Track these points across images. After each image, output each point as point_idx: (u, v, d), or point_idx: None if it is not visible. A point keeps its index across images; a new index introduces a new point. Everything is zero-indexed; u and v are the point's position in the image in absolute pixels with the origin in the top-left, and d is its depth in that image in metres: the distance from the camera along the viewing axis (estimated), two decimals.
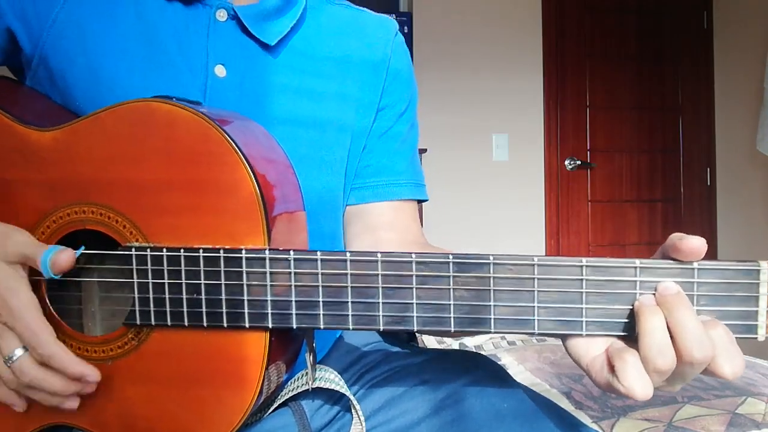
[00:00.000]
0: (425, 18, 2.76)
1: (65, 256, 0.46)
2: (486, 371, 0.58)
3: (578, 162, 2.92)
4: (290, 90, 0.62)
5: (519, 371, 1.12)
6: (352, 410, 0.55)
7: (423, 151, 2.65)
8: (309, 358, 0.52)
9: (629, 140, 2.99)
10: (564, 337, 0.45)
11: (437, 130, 2.70)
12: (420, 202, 0.73)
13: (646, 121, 3.02)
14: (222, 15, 0.60)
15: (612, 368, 0.40)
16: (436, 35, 2.77)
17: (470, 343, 1.32)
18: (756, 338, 0.41)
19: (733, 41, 2.97)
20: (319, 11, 0.67)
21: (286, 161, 0.53)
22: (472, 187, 2.80)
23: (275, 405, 0.55)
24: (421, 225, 0.75)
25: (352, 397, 0.55)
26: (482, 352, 1.03)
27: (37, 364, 0.46)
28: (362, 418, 0.55)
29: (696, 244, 0.40)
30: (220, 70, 0.59)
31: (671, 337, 0.39)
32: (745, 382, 1.00)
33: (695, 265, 0.41)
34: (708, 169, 3.08)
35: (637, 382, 0.39)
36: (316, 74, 0.64)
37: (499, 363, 0.71)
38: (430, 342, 1.24)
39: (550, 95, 2.90)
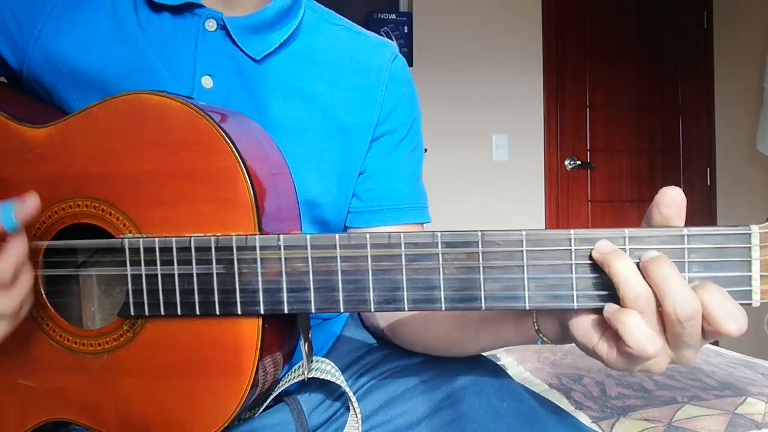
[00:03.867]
0: (425, 18, 2.76)
1: (30, 201, 0.44)
2: (485, 371, 0.58)
3: (578, 162, 2.92)
4: (275, 107, 0.61)
5: (518, 371, 1.12)
6: (349, 404, 0.55)
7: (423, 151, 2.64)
8: (304, 348, 0.52)
9: (629, 140, 2.99)
10: (570, 330, 0.44)
11: (437, 130, 2.70)
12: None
13: (646, 121, 3.02)
14: (211, 25, 0.59)
15: (616, 336, 0.39)
16: (436, 35, 2.77)
17: None
18: (750, 304, 0.40)
19: (733, 41, 2.97)
20: (315, 29, 0.66)
21: (278, 154, 0.53)
22: (472, 187, 2.80)
23: (271, 398, 0.55)
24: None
25: (347, 389, 0.54)
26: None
27: None
28: (358, 411, 0.55)
29: (674, 192, 0.40)
30: (206, 81, 0.58)
31: (656, 298, 0.39)
32: (745, 382, 1.00)
33: (685, 231, 0.40)
34: (708, 169, 3.08)
35: (643, 339, 0.38)
36: (303, 94, 0.62)
37: (498, 363, 0.70)
38: None
39: (550, 95, 2.90)
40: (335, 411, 0.59)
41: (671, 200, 0.40)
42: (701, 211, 3.07)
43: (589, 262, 0.41)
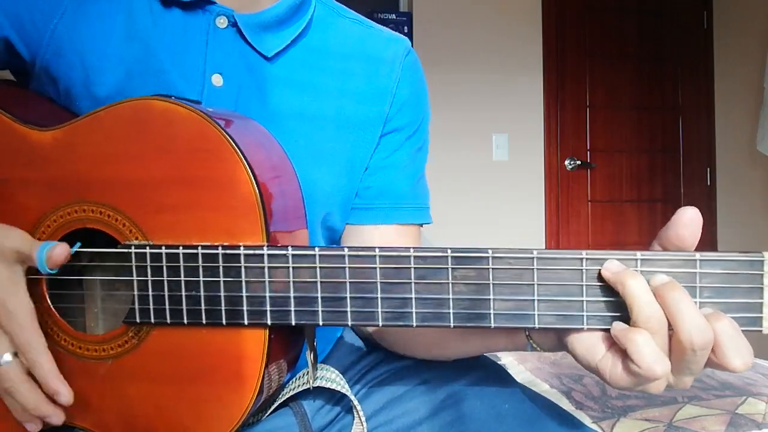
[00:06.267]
0: (425, 18, 2.76)
1: (59, 250, 0.46)
2: (486, 371, 0.58)
3: (578, 162, 2.92)
4: (286, 104, 0.60)
5: (519, 371, 1.12)
6: (354, 411, 0.55)
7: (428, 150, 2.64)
8: (310, 357, 0.52)
9: (629, 140, 2.99)
10: (562, 342, 0.44)
11: (437, 130, 2.68)
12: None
13: (646, 121, 3.02)
14: (222, 22, 0.58)
15: (624, 355, 0.39)
16: (436, 35, 2.77)
17: None
18: (761, 331, 0.40)
19: (733, 41, 2.97)
20: (327, 24, 0.65)
21: (285, 160, 0.53)
22: (472, 187, 2.80)
23: (276, 404, 0.55)
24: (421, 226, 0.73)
25: (353, 398, 0.54)
26: None
27: (22, 372, 0.47)
28: (363, 419, 0.55)
29: (692, 212, 0.40)
30: (216, 79, 0.58)
31: (669, 325, 0.39)
32: (745, 382, 1.00)
33: (697, 256, 0.40)
34: (708, 169, 3.08)
35: (654, 361, 0.38)
36: (314, 91, 0.62)
37: (499, 363, 0.71)
38: None
39: (550, 95, 2.90)
40: (338, 413, 0.59)
41: (689, 221, 0.40)
42: (701, 212, 3.06)
43: (600, 283, 0.41)
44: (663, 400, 0.93)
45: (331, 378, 0.54)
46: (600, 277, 0.41)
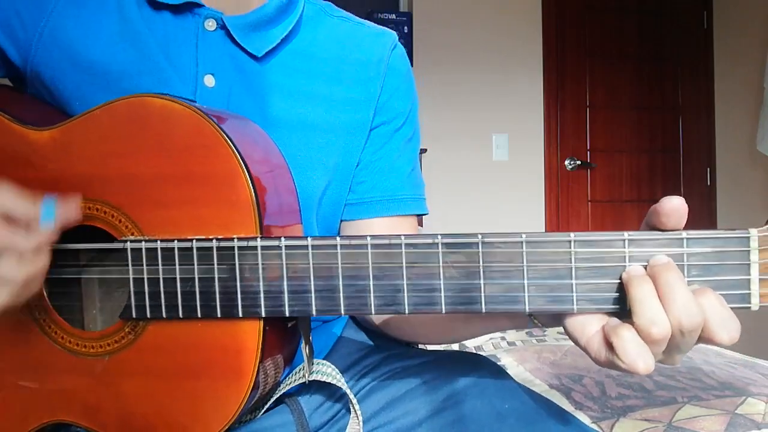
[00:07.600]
0: (425, 18, 2.76)
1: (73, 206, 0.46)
2: (487, 372, 0.58)
3: (578, 162, 2.92)
4: (278, 101, 0.61)
5: (519, 372, 1.12)
6: (351, 407, 0.55)
7: (423, 151, 2.65)
8: (305, 350, 0.52)
9: (629, 140, 3.00)
10: (560, 317, 0.44)
11: (437, 130, 2.70)
12: (420, 215, 0.71)
13: (646, 121, 3.02)
14: (211, 24, 0.59)
15: (610, 346, 0.40)
16: (436, 35, 2.77)
17: (470, 343, 1.32)
18: (750, 307, 0.40)
19: (733, 41, 2.97)
20: (316, 23, 0.66)
21: (280, 157, 0.53)
22: (472, 187, 2.80)
23: (272, 399, 0.55)
24: (421, 226, 0.73)
25: (348, 392, 0.54)
26: (481, 353, 1.03)
27: None
28: (359, 413, 0.55)
29: (676, 202, 0.39)
30: (209, 80, 0.58)
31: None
32: (745, 382, 1.00)
33: (684, 234, 0.40)
34: (708, 169, 3.08)
35: (637, 358, 0.38)
36: (304, 92, 0.62)
37: (498, 363, 0.71)
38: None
39: (550, 95, 2.90)
40: (336, 412, 0.59)
41: (672, 210, 0.40)
42: (701, 212, 3.07)
43: (589, 265, 0.41)
44: (663, 400, 0.92)
45: (327, 372, 0.54)
46: (588, 258, 0.41)
